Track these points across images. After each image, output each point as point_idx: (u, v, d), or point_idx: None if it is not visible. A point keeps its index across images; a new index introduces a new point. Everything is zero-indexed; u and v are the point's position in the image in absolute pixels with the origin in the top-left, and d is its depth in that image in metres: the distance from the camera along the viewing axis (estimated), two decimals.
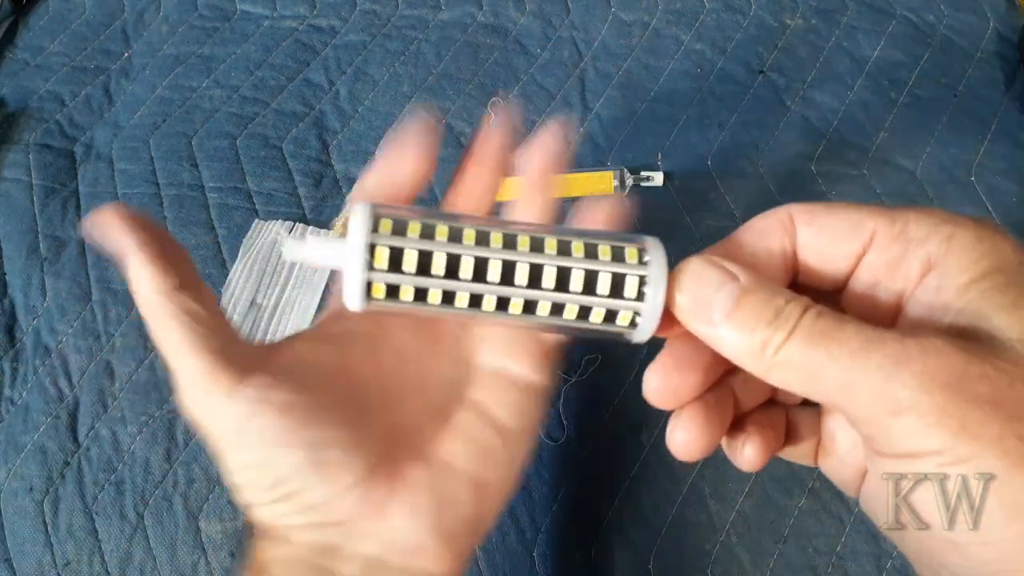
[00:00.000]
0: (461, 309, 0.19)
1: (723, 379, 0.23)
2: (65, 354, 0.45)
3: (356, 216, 0.19)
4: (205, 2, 0.58)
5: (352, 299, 0.19)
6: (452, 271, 0.19)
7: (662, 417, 0.42)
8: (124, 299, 0.46)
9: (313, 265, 0.21)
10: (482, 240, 0.19)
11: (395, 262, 0.19)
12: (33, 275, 0.48)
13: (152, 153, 0.51)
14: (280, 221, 0.48)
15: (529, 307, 0.19)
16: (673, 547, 0.39)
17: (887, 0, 0.53)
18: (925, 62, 0.51)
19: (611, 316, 0.20)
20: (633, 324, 0.20)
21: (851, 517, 0.39)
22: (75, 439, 0.43)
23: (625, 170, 0.47)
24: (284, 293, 0.45)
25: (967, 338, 0.18)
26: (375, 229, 0.19)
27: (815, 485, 0.40)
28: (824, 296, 0.21)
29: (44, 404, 0.44)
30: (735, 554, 0.39)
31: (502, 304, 0.19)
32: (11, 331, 0.46)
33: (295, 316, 0.45)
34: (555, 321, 0.20)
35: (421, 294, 0.19)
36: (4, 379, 0.45)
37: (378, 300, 0.19)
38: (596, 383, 0.43)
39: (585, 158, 0.49)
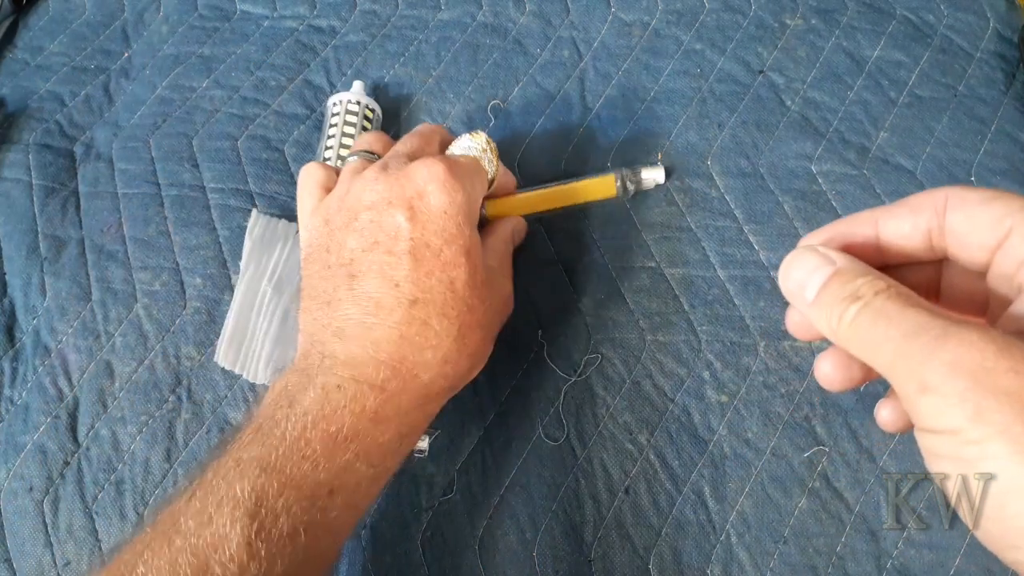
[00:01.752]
0: None
1: None
2: (65, 354, 0.45)
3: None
4: (205, 2, 0.58)
5: None
6: None
7: (661, 417, 0.42)
8: (124, 299, 0.46)
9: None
10: None
11: None
12: (33, 275, 0.48)
13: (152, 153, 0.51)
14: (284, 220, 0.48)
15: None
16: (673, 547, 0.39)
17: (887, 0, 0.53)
18: (925, 62, 0.51)
19: None
20: None
21: (851, 517, 0.39)
22: (75, 439, 0.43)
23: (626, 171, 0.47)
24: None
25: None
26: None
27: (815, 485, 0.40)
28: (970, 275, 0.24)
29: (44, 404, 0.44)
30: (735, 554, 0.39)
31: None
32: (11, 331, 0.46)
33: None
34: None
35: None
36: (4, 379, 0.45)
37: None
38: (596, 383, 0.43)
39: (585, 157, 0.49)
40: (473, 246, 0.34)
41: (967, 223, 0.22)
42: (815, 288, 0.22)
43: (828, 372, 0.26)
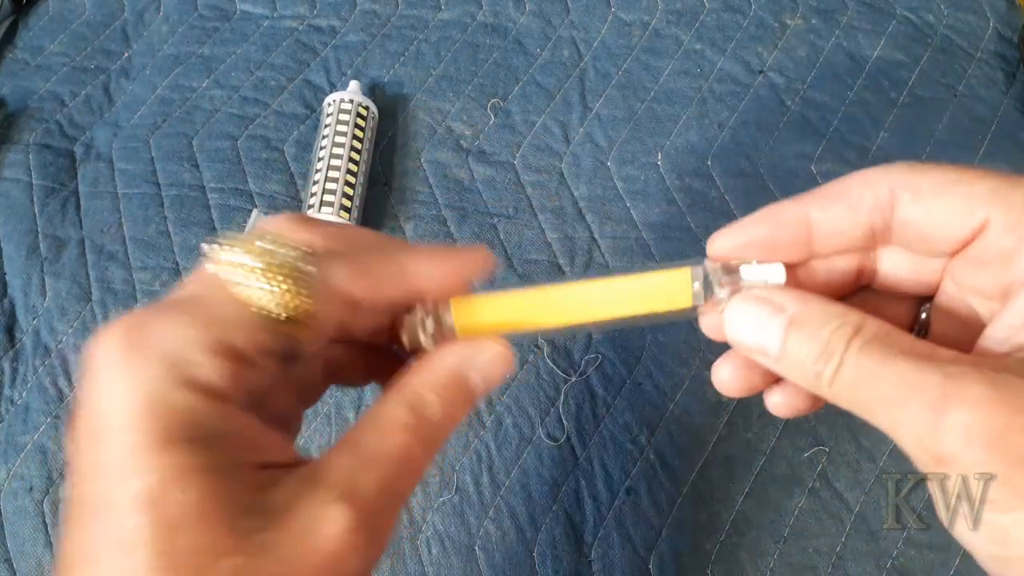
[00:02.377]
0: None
1: None
2: (65, 354, 0.45)
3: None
4: (205, 2, 0.58)
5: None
6: None
7: (661, 417, 0.42)
8: (124, 299, 0.46)
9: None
10: None
11: None
12: (33, 275, 0.48)
13: (152, 153, 0.51)
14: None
15: None
16: (673, 547, 0.39)
17: (887, 0, 0.53)
18: (925, 62, 0.51)
19: None
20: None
21: (851, 517, 0.39)
22: None
23: (709, 264, 0.24)
24: None
25: None
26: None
27: (815, 485, 0.40)
28: (914, 259, 0.21)
29: (44, 404, 0.44)
30: (735, 554, 0.39)
31: None
32: (11, 331, 0.46)
33: None
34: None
35: None
36: (4, 379, 0.45)
37: None
38: (596, 383, 0.43)
39: (585, 159, 0.49)
40: (177, 473, 0.16)
41: (926, 218, 0.19)
42: (776, 346, 0.19)
43: (725, 379, 0.23)
